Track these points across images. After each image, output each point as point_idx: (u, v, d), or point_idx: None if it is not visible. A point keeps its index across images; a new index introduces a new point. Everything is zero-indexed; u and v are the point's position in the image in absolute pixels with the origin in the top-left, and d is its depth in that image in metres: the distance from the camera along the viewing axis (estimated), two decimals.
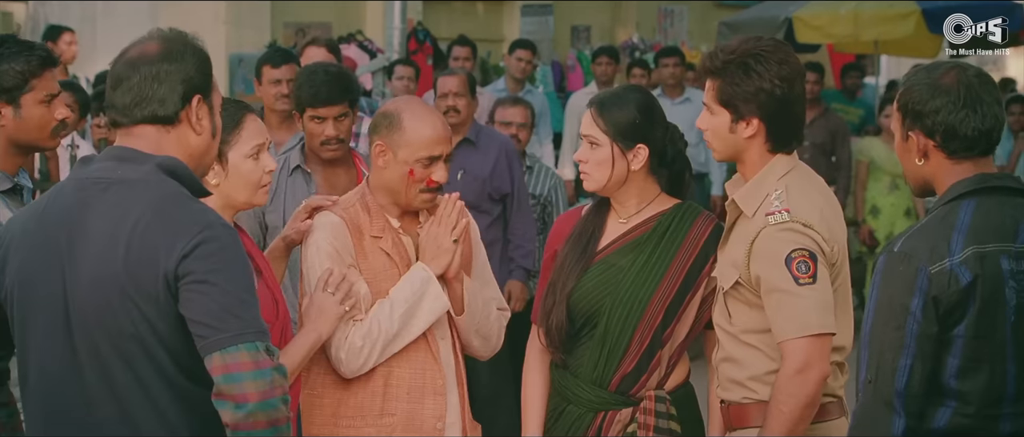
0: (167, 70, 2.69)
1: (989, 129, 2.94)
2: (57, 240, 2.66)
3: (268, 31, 11.58)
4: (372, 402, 3.54)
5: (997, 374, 2.90)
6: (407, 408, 3.55)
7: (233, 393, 2.52)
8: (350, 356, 3.47)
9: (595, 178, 3.60)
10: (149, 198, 2.62)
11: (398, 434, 3.54)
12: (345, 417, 3.55)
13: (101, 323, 2.61)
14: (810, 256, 3.18)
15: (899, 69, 16.66)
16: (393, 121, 3.56)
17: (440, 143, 3.54)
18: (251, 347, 2.55)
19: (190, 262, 2.56)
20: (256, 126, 3.36)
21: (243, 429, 2.52)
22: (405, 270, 3.56)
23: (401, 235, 3.61)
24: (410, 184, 3.54)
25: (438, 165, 3.54)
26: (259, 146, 3.34)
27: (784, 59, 3.29)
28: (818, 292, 3.17)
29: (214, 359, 2.54)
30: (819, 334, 3.17)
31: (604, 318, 3.57)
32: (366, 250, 3.55)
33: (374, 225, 3.58)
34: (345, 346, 3.47)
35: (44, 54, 3.64)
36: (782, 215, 3.22)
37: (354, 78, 4.90)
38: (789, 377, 3.16)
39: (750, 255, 3.24)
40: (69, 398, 2.66)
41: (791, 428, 3.18)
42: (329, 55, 5.84)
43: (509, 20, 13.61)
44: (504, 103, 6.94)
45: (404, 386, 3.55)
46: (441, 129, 3.57)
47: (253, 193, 3.34)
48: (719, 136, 3.35)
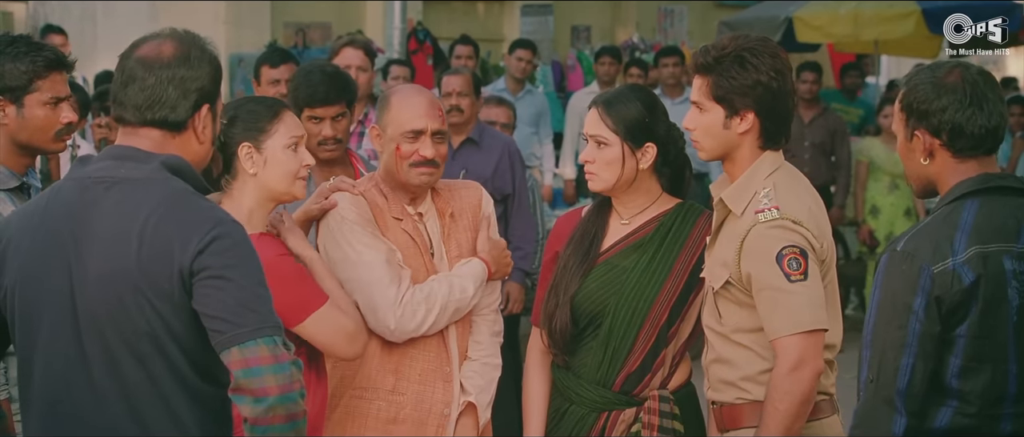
0: (183, 76, 2.69)
1: (995, 127, 2.94)
2: (62, 238, 2.66)
3: (268, 31, 11.58)
4: (385, 379, 3.62)
5: (999, 374, 2.90)
6: (418, 390, 3.63)
7: (253, 387, 2.52)
8: (406, 315, 3.54)
9: (603, 178, 3.59)
10: (159, 195, 2.62)
11: (406, 413, 3.62)
12: (358, 389, 3.63)
13: (113, 322, 2.61)
14: (801, 253, 3.18)
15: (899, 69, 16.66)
16: (383, 103, 3.71)
17: (423, 117, 3.61)
18: (269, 341, 2.55)
19: (205, 258, 2.57)
20: (294, 120, 3.39)
21: (262, 424, 2.52)
22: (427, 255, 3.65)
23: (418, 222, 3.68)
24: (399, 160, 3.61)
25: (424, 139, 3.60)
26: (297, 138, 3.37)
27: (775, 53, 3.30)
28: (809, 289, 3.17)
29: (232, 353, 2.54)
30: (812, 330, 3.16)
31: (608, 319, 3.57)
32: (388, 226, 3.63)
33: (393, 209, 3.65)
34: (398, 305, 3.53)
35: (52, 56, 3.63)
36: (772, 213, 3.22)
37: (351, 78, 4.88)
38: (784, 375, 3.16)
39: (740, 253, 3.24)
40: (76, 396, 2.65)
41: (788, 425, 3.17)
42: (365, 58, 5.81)
43: (509, 20, 13.62)
44: (488, 102, 6.93)
45: (417, 369, 3.62)
46: (425, 105, 3.65)
47: (291, 183, 3.35)
48: (711, 133, 3.33)
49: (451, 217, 3.72)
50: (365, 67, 5.74)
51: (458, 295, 3.61)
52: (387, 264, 3.55)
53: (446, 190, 3.77)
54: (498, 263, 3.72)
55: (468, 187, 3.83)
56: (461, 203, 3.76)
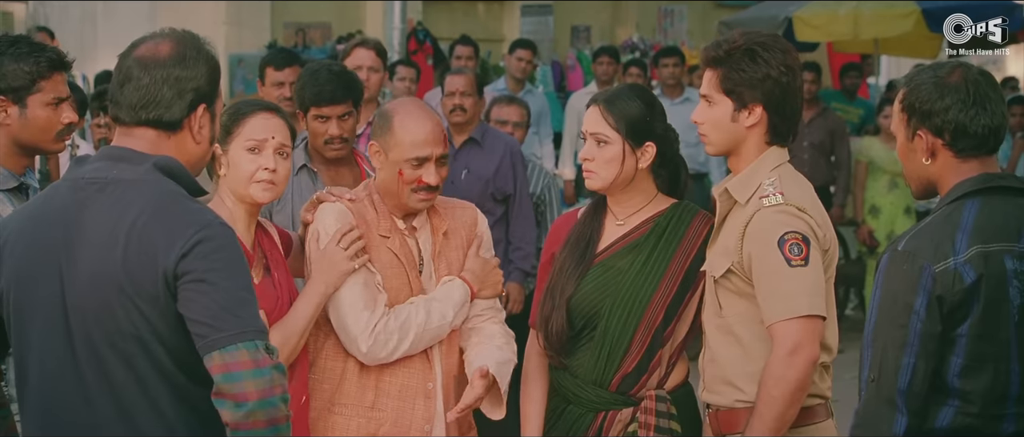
0: (178, 76, 2.69)
1: (997, 127, 2.95)
2: (54, 240, 2.66)
3: (268, 31, 11.58)
4: (364, 395, 3.59)
5: (1001, 373, 2.90)
6: (397, 406, 3.60)
7: (233, 392, 2.52)
8: (378, 343, 3.52)
9: (602, 176, 3.58)
10: (147, 197, 2.62)
11: (385, 430, 3.59)
12: (338, 405, 3.61)
13: (100, 322, 2.61)
14: (803, 239, 3.18)
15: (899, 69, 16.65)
16: (385, 123, 3.61)
17: (429, 144, 3.55)
18: (251, 346, 2.55)
19: (189, 261, 2.56)
20: (264, 123, 3.40)
21: (243, 428, 2.52)
22: (412, 272, 3.62)
23: (407, 238, 3.64)
24: (401, 185, 3.57)
25: (428, 167, 3.56)
26: (258, 142, 3.38)
27: (786, 49, 3.32)
28: (809, 274, 3.17)
29: (214, 358, 2.54)
30: (809, 315, 3.16)
31: (604, 320, 3.57)
32: (373, 244, 3.59)
33: (381, 225, 3.62)
34: (369, 333, 3.51)
35: (54, 57, 3.63)
36: (776, 197, 3.23)
37: (357, 77, 4.89)
38: (779, 359, 3.16)
39: (743, 237, 3.24)
40: (68, 397, 2.66)
41: (781, 412, 3.16)
42: (377, 58, 5.81)
43: (509, 20, 13.61)
44: (500, 101, 6.95)
45: (396, 385, 3.60)
46: (431, 131, 3.58)
47: (246, 186, 3.38)
48: (719, 126, 3.34)
49: (444, 235, 3.69)
50: (377, 68, 5.75)
51: (436, 322, 3.59)
52: (364, 287, 3.54)
53: (442, 208, 3.73)
54: (483, 282, 3.69)
55: (464, 207, 3.81)
56: (456, 222, 3.73)
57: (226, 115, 3.40)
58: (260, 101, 3.59)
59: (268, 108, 3.47)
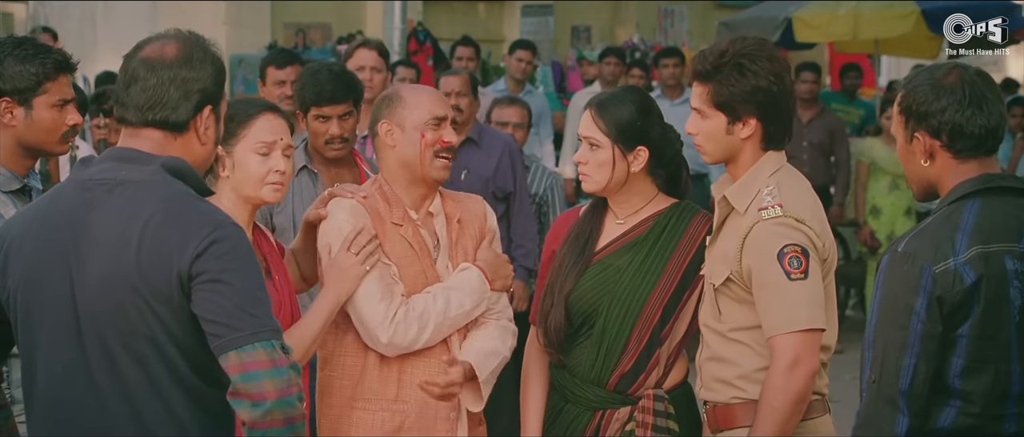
0: (184, 77, 2.69)
1: (995, 127, 2.95)
2: (63, 241, 2.66)
3: (268, 32, 11.59)
4: (386, 389, 3.61)
5: (1002, 374, 2.90)
6: (421, 397, 3.62)
7: (251, 391, 2.53)
8: (398, 332, 3.55)
9: (595, 180, 3.60)
10: (158, 198, 2.62)
11: (410, 423, 3.61)
12: (360, 399, 3.63)
13: (113, 323, 2.61)
14: (802, 252, 3.19)
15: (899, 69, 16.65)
16: (393, 99, 3.70)
17: (442, 104, 3.71)
18: (267, 345, 2.56)
19: (203, 261, 2.57)
20: (271, 124, 3.41)
21: (261, 427, 2.53)
22: (426, 261, 3.65)
23: (420, 227, 3.67)
24: (424, 149, 3.62)
25: (446, 126, 3.66)
26: (268, 143, 3.38)
27: (772, 55, 3.32)
28: (809, 287, 3.18)
29: (230, 358, 2.55)
30: (809, 329, 3.17)
31: (602, 318, 3.57)
32: (387, 234, 3.62)
33: (394, 214, 3.64)
34: (389, 323, 3.53)
35: (60, 58, 3.64)
36: (775, 210, 3.23)
37: (357, 78, 4.90)
38: (779, 373, 3.17)
39: (742, 249, 3.24)
40: (78, 398, 2.66)
41: (782, 424, 3.18)
42: (379, 59, 5.82)
43: (509, 20, 13.62)
44: (501, 102, 6.95)
45: (418, 376, 3.61)
46: (440, 94, 3.80)
47: (258, 188, 3.38)
48: (714, 139, 3.35)
49: (459, 223, 3.73)
50: (379, 68, 5.75)
51: (455, 311, 3.61)
52: (379, 279, 3.56)
53: (453, 198, 3.78)
54: (496, 273, 3.71)
55: (474, 200, 3.84)
56: (468, 213, 3.77)
57: (228, 116, 3.40)
58: (260, 101, 3.59)
59: (270, 108, 3.47)
